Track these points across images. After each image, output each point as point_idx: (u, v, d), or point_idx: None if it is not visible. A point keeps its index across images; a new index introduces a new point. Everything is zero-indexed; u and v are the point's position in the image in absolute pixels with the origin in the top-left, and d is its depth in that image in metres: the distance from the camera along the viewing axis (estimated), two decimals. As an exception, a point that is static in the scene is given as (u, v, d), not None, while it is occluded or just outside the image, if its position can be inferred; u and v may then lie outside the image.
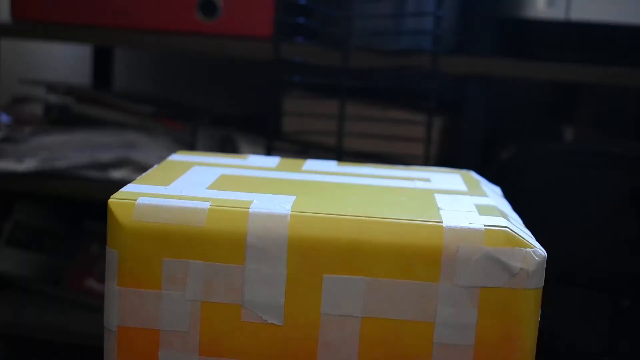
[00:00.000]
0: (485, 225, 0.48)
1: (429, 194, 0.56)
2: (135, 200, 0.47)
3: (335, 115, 1.25)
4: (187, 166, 0.58)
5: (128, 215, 0.47)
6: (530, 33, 1.20)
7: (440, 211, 0.50)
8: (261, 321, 0.47)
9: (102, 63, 1.68)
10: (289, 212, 0.47)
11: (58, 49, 1.73)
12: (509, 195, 1.29)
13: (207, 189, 0.51)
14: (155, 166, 0.58)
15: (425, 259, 0.47)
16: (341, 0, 1.20)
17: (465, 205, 0.53)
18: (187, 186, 0.51)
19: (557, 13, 1.16)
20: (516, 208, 1.27)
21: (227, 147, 1.44)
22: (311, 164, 0.65)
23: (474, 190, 0.59)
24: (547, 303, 1.28)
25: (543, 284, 0.49)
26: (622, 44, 1.16)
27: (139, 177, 0.53)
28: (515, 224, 0.51)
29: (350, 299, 0.47)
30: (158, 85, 1.73)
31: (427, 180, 0.62)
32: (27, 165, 1.34)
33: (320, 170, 0.62)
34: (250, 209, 0.47)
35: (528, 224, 1.26)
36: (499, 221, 0.49)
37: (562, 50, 1.18)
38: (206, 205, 0.47)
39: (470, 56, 1.17)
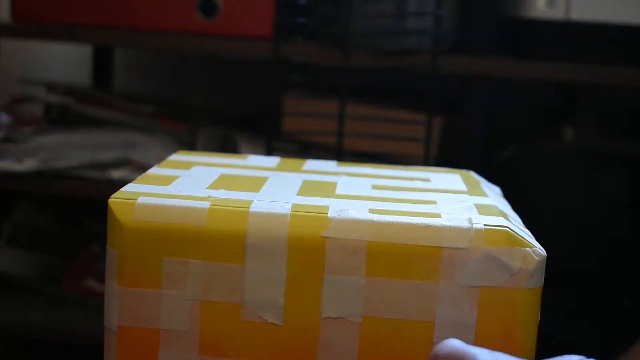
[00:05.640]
0: (485, 225, 0.48)
1: (429, 194, 0.56)
2: (136, 199, 0.47)
3: (335, 115, 1.25)
4: (187, 166, 0.58)
5: (128, 215, 0.47)
6: (530, 33, 1.20)
7: (440, 211, 0.50)
8: (261, 321, 0.47)
9: (102, 63, 1.69)
10: (289, 212, 0.47)
11: (58, 49, 1.73)
12: (509, 195, 1.29)
13: (207, 188, 0.51)
14: (155, 166, 0.58)
15: (425, 258, 0.47)
16: (341, 0, 1.20)
17: (465, 205, 0.53)
18: (187, 186, 0.51)
19: (557, 13, 1.16)
20: (516, 208, 1.27)
21: (227, 147, 1.44)
22: (311, 164, 0.65)
23: (474, 190, 0.59)
24: (547, 303, 1.28)
25: (543, 284, 0.49)
26: (622, 44, 1.17)
27: (139, 177, 0.53)
28: (515, 224, 0.51)
29: (350, 299, 0.47)
30: (158, 85, 1.73)
31: (427, 180, 0.62)
32: (27, 165, 1.34)
33: (320, 170, 0.62)
34: (250, 209, 0.47)
35: (528, 223, 1.26)
36: (499, 221, 0.49)
37: (562, 50, 1.18)
38: (206, 204, 0.47)
39: (470, 56, 1.17)
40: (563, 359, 0.42)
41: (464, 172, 0.68)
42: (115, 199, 0.48)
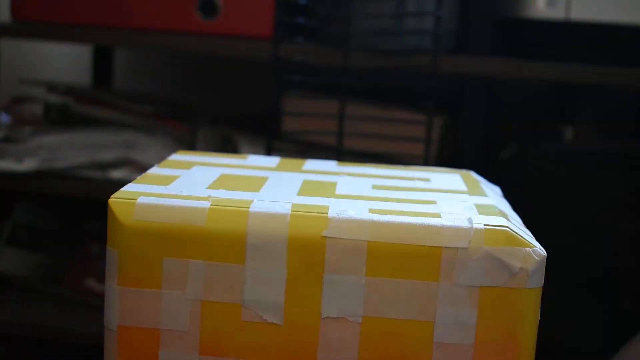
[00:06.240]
0: (485, 225, 0.48)
1: (429, 194, 0.56)
2: (136, 199, 0.47)
3: (335, 115, 1.25)
4: (187, 166, 0.58)
5: (128, 215, 0.47)
6: (530, 33, 1.20)
7: (440, 211, 0.50)
8: (261, 321, 0.47)
9: (102, 63, 1.68)
10: (289, 212, 0.47)
11: (58, 49, 1.73)
12: (509, 195, 1.29)
13: (207, 188, 0.51)
14: (155, 166, 0.58)
15: (425, 258, 0.47)
16: (341, 0, 1.20)
17: (465, 205, 0.53)
18: (188, 186, 0.51)
19: (557, 13, 1.16)
20: (516, 208, 1.27)
21: (227, 147, 1.44)
22: (311, 164, 0.65)
23: (474, 190, 0.59)
24: (547, 303, 1.28)
25: (543, 284, 0.49)
26: (622, 44, 1.17)
27: (139, 177, 0.53)
28: (515, 224, 0.51)
29: (350, 298, 0.47)
30: (158, 85, 1.73)
31: (427, 180, 0.62)
32: (27, 165, 1.34)
33: (320, 170, 0.62)
34: (250, 209, 0.47)
35: (528, 224, 1.26)
36: (499, 221, 0.49)
37: (562, 50, 1.18)
38: (206, 204, 0.47)
39: (470, 56, 1.17)
40: None
41: (464, 172, 0.68)
42: (115, 199, 0.48)
